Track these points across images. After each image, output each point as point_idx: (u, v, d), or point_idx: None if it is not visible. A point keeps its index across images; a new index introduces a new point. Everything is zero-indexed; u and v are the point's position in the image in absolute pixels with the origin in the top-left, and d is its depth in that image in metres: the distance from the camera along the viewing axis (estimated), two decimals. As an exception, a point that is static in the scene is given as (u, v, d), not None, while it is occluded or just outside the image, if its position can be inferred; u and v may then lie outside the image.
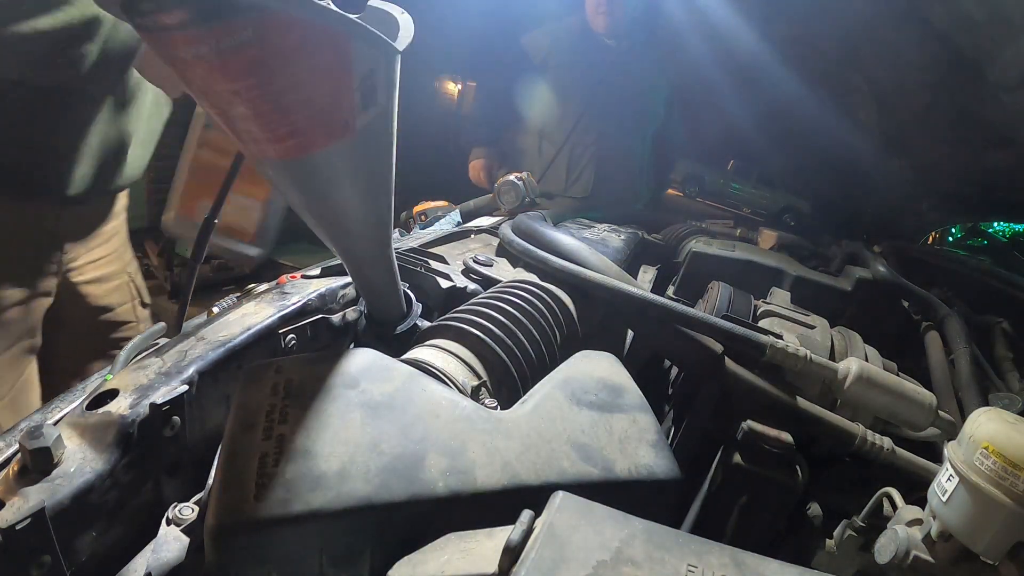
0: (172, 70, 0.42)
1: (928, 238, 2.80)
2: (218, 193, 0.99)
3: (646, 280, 1.32)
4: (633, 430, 0.55)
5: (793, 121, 2.25)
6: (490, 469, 0.48)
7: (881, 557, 0.56)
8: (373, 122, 0.48)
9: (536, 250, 0.98)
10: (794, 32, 2.06)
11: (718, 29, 2.07)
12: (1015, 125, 1.68)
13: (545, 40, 2.19)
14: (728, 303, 1.02)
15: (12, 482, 0.45)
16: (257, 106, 0.42)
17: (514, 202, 1.65)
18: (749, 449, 0.69)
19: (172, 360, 0.62)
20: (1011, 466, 0.48)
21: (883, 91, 2.05)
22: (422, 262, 0.96)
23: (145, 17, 0.38)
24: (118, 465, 0.51)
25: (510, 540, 0.37)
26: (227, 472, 0.44)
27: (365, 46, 0.44)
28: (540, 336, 0.79)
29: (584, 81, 2.14)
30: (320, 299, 0.81)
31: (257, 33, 0.37)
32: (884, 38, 1.84)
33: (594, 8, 2.08)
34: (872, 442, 0.73)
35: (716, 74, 2.28)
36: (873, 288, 1.29)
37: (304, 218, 0.56)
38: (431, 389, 0.55)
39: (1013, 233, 4.12)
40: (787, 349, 0.77)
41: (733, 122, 2.49)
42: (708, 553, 0.38)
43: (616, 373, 0.63)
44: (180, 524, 0.52)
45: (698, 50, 2.21)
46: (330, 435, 0.47)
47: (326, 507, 0.42)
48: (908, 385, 0.76)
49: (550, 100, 2.19)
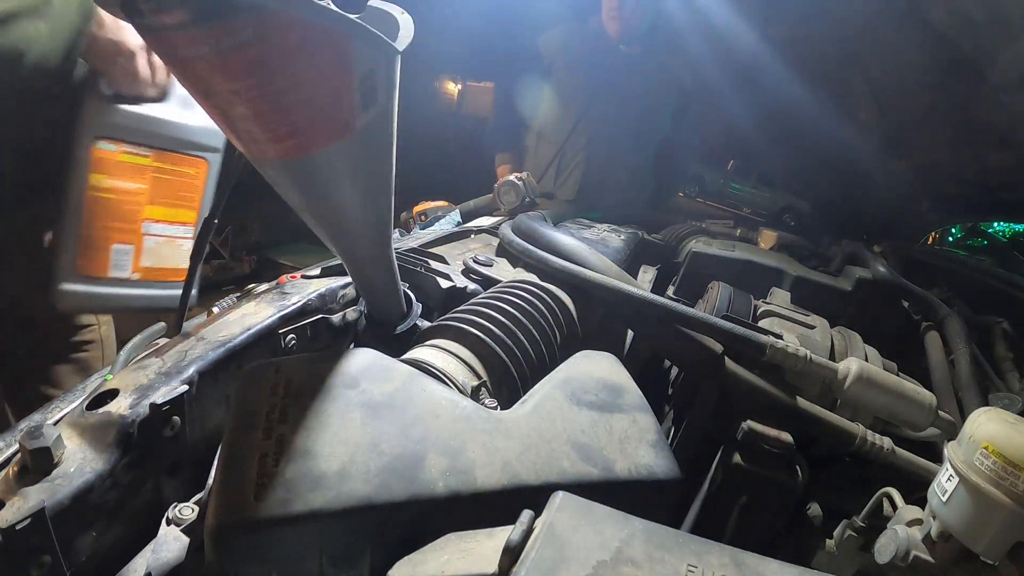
0: (172, 70, 0.42)
1: (928, 238, 2.79)
2: (217, 192, 0.93)
3: (646, 280, 1.32)
4: (633, 430, 0.55)
5: (793, 121, 2.25)
6: (490, 469, 0.48)
7: (881, 557, 0.56)
8: (373, 122, 0.48)
9: (536, 250, 0.98)
10: (794, 33, 2.06)
11: (718, 29, 2.07)
12: (1015, 126, 1.68)
13: (557, 40, 2.18)
14: (728, 303, 1.01)
15: (12, 482, 0.45)
16: (257, 106, 0.42)
17: (514, 202, 1.65)
18: (749, 449, 0.69)
19: (172, 360, 0.62)
20: (1011, 466, 0.48)
21: (883, 92, 2.05)
22: (422, 262, 0.96)
23: (145, 17, 0.38)
24: (118, 465, 0.51)
25: (510, 540, 0.37)
26: (227, 472, 0.44)
27: (365, 46, 0.44)
28: (540, 336, 0.79)
29: (587, 84, 2.13)
30: (320, 299, 0.81)
31: (257, 33, 0.38)
32: (884, 39, 1.84)
33: (607, 12, 2.07)
34: (872, 442, 0.73)
35: (716, 74, 2.28)
36: (873, 288, 1.29)
37: (304, 218, 0.56)
38: (431, 389, 0.55)
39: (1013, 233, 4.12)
40: (787, 349, 0.77)
41: (733, 122, 2.49)
42: (708, 553, 0.38)
43: (616, 373, 0.63)
44: (180, 524, 0.52)
45: (698, 50, 2.21)
46: (330, 435, 0.47)
47: (326, 507, 0.42)
48: (908, 385, 0.76)
49: (552, 100, 2.18)
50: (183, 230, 0.93)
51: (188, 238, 0.98)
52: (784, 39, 2.07)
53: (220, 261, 4.12)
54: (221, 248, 4.15)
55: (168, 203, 0.93)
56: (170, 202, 0.93)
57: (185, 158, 1.02)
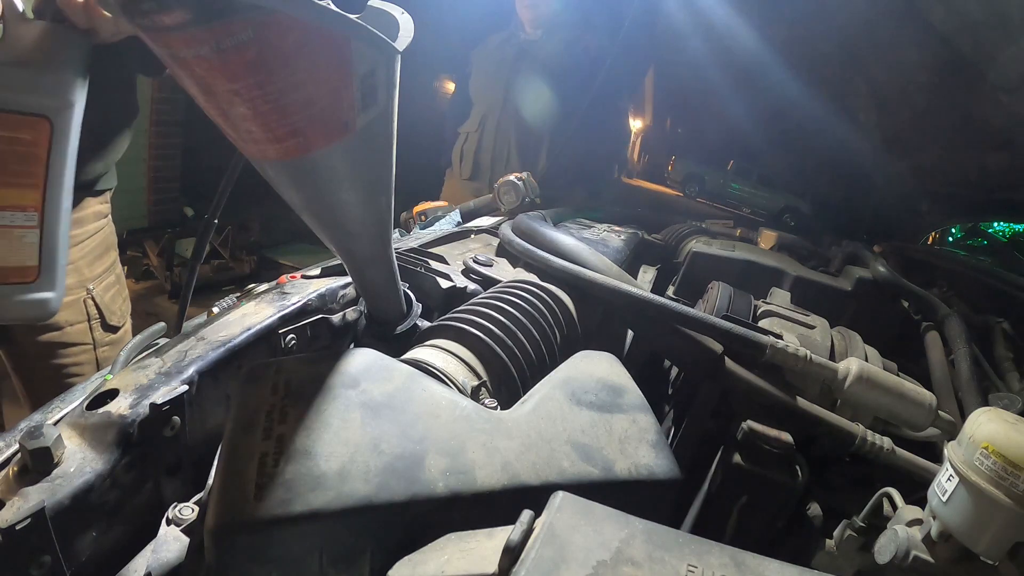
0: (172, 70, 0.42)
1: (928, 238, 2.80)
2: (219, 190, 0.90)
3: (646, 280, 1.32)
4: (633, 430, 0.55)
5: (793, 122, 2.25)
6: (490, 469, 0.48)
7: (881, 557, 0.56)
8: (373, 122, 0.48)
9: (536, 250, 0.98)
10: (794, 33, 2.07)
11: (718, 30, 2.07)
12: (1015, 126, 1.68)
13: (480, 51, 2.44)
14: (728, 303, 1.01)
15: (12, 482, 0.45)
16: (257, 106, 0.42)
17: (514, 202, 1.65)
18: (749, 449, 0.69)
19: (172, 360, 0.62)
20: (1011, 466, 0.48)
21: (883, 92, 2.05)
22: (422, 262, 0.96)
23: (145, 17, 0.38)
24: (118, 465, 0.51)
25: (510, 540, 0.37)
26: (227, 472, 0.44)
27: (365, 46, 0.44)
28: (540, 336, 0.79)
29: (488, 76, 2.36)
30: (320, 299, 0.81)
31: (257, 33, 0.38)
32: (884, 39, 1.85)
33: (520, 3, 2.24)
34: (872, 442, 0.73)
35: (716, 75, 2.28)
36: (873, 288, 1.29)
37: (304, 218, 0.56)
38: (431, 389, 0.55)
39: (1013, 233, 4.13)
40: (787, 349, 0.77)
41: (733, 122, 2.50)
42: (708, 553, 0.38)
43: (616, 373, 0.63)
44: (180, 524, 0.52)
45: (698, 50, 2.21)
46: (330, 435, 0.47)
47: (326, 507, 0.42)
48: (908, 385, 0.76)
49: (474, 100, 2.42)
50: (22, 217, 0.70)
51: (29, 227, 0.73)
52: (784, 40, 2.07)
53: (220, 261, 4.13)
54: (221, 248, 4.15)
55: (3, 181, 0.69)
56: (5, 179, 0.70)
57: (14, 118, 0.73)
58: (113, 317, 1.29)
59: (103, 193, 1.26)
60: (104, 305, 1.26)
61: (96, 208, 1.24)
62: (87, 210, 1.21)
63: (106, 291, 1.28)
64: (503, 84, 2.29)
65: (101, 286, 1.26)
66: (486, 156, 2.37)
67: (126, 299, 1.37)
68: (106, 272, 1.29)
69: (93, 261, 1.25)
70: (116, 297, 1.31)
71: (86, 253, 1.23)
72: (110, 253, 1.31)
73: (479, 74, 2.43)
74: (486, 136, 2.36)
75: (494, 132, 2.34)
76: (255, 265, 4.31)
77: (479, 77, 2.43)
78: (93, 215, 1.23)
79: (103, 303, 1.26)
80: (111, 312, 1.28)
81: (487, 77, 2.38)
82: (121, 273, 1.37)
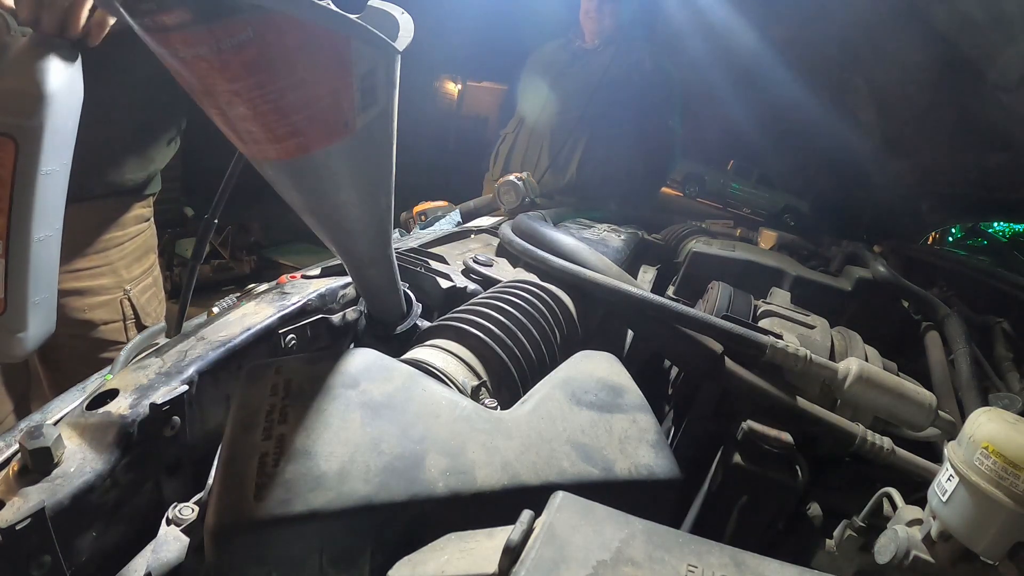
0: (172, 70, 0.42)
1: (928, 238, 2.80)
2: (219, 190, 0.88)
3: (646, 280, 1.32)
4: (633, 430, 0.55)
5: (793, 121, 2.25)
6: (490, 469, 0.48)
7: (881, 557, 0.56)
8: (373, 122, 0.48)
9: (536, 250, 0.98)
10: (794, 33, 2.07)
11: (718, 30, 2.07)
12: (1015, 126, 1.68)
13: (540, 56, 2.42)
14: (728, 303, 1.01)
15: (12, 482, 0.45)
16: (257, 106, 0.42)
17: (514, 202, 1.65)
18: (749, 449, 0.69)
19: (172, 360, 0.62)
20: (1011, 466, 0.48)
21: (883, 92, 2.05)
22: (422, 262, 0.96)
23: (145, 17, 0.38)
24: (118, 465, 0.51)
25: (510, 540, 0.37)
26: (227, 472, 0.44)
27: (365, 46, 0.44)
28: (540, 336, 0.79)
29: (558, 87, 2.31)
30: (320, 299, 0.81)
31: (257, 33, 0.38)
32: (884, 39, 1.85)
33: (584, 13, 2.22)
34: (872, 442, 0.73)
35: (716, 74, 2.28)
36: (873, 288, 1.29)
37: (304, 218, 0.56)
38: (431, 389, 0.55)
39: (1013, 233, 4.13)
40: (787, 349, 0.77)
41: (733, 122, 2.50)
42: (708, 553, 0.38)
43: (616, 373, 0.63)
44: (180, 524, 0.52)
45: (698, 50, 2.21)
46: (330, 435, 0.47)
47: (326, 507, 0.42)
48: (908, 385, 0.76)
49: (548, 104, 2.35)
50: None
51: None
52: (784, 40, 2.07)
53: (220, 261, 4.13)
54: (221, 248, 4.15)
55: None
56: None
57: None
58: (148, 319, 1.31)
59: (146, 198, 1.28)
60: (140, 306, 1.28)
61: (138, 212, 1.26)
62: (129, 213, 1.23)
63: (143, 293, 1.30)
64: (546, 88, 2.30)
65: (138, 288, 1.28)
66: (518, 158, 2.37)
67: (162, 301, 1.39)
68: (144, 274, 1.31)
69: (132, 263, 1.27)
70: (152, 299, 1.33)
71: (125, 255, 1.25)
72: (149, 256, 1.33)
73: (527, 77, 2.44)
74: (520, 138, 2.37)
75: (528, 135, 2.35)
76: (255, 265, 4.30)
77: (526, 80, 2.44)
78: (134, 219, 1.25)
79: (139, 304, 1.28)
80: (146, 314, 1.30)
81: (533, 81, 2.39)
82: (159, 276, 1.39)
